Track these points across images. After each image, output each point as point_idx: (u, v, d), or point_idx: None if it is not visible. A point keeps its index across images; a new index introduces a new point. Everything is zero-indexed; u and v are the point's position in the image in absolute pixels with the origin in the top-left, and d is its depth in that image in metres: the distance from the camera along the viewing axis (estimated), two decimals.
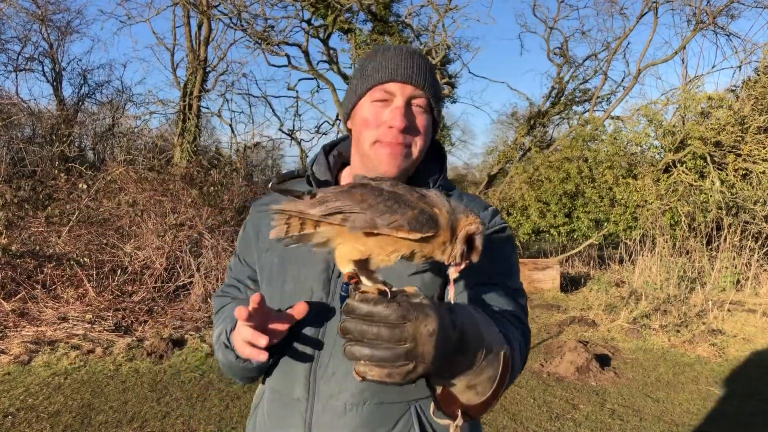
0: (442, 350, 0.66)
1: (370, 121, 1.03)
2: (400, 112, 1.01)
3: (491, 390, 0.75)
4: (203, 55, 10.90)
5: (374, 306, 0.64)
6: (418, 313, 0.64)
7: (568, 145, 9.77)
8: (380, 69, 1.03)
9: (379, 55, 1.06)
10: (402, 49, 1.07)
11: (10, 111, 10.17)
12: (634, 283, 7.35)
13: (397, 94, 1.02)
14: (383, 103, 1.03)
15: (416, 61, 1.03)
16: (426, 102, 1.04)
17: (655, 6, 10.76)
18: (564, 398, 4.06)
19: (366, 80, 1.05)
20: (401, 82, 1.02)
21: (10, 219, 6.36)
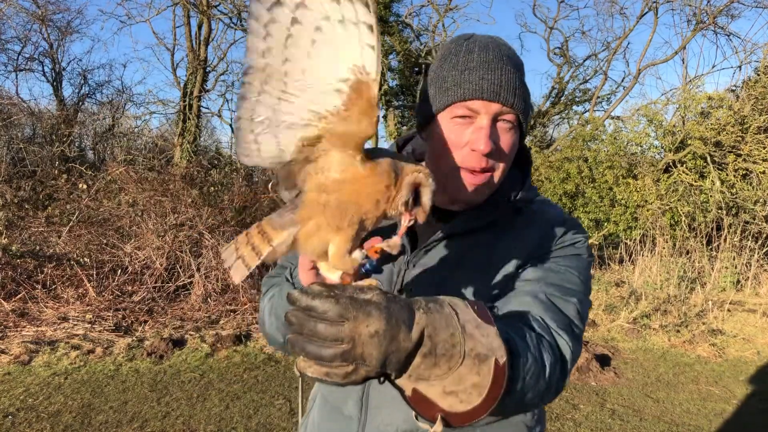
0: (389, 353, 0.61)
1: (452, 142, 0.93)
2: (485, 134, 0.90)
3: (480, 399, 0.68)
4: (203, 55, 10.91)
5: (312, 299, 0.61)
6: (359, 312, 0.60)
7: (568, 145, 9.77)
8: (463, 83, 0.92)
9: (460, 61, 0.94)
10: (488, 52, 0.94)
11: (10, 111, 10.17)
12: (634, 283, 7.35)
13: (481, 112, 0.91)
14: (465, 119, 0.93)
15: (505, 73, 0.92)
16: (515, 118, 0.94)
17: (655, 6, 10.77)
18: (564, 398, 4.06)
19: (446, 94, 0.94)
20: (487, 100, 0.91)
21: (11, 219, 6.37)
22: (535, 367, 0.77)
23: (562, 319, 0.90)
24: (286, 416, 3.50)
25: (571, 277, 0.96)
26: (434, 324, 0.65)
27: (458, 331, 0.67)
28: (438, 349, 0.65)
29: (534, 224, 1.00)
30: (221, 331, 4.95)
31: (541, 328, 0.86)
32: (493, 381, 0.68)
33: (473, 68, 0.92)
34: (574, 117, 13.30)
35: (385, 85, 10.97)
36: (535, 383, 0.77)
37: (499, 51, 0.95)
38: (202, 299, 5.56)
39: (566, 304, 0.92)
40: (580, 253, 1.00)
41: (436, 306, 0.68)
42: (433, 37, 11.14)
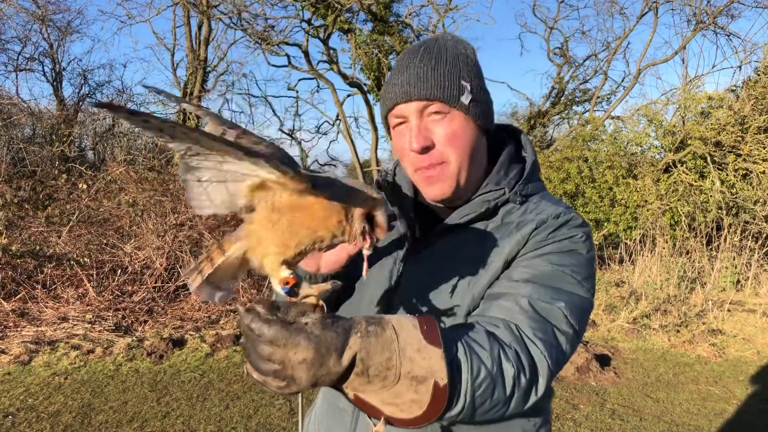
0: (319, 376, 0.66)
1: (400, 150, 1.00)
2: (414, 134, 0.95)
3: (421, 412, 0.71)
4: (203, 55, 10.91)
5: (251, 321, 0.65)
6: (288, 341, 0.64)
7: (568, 145, 9.77)
8: (384, 94, 1.00)
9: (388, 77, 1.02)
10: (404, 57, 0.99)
11: (10, 111, 10.17)
12: (634, 283, 7.35)
13: (406, 114, 0.96)
14: (403, 125, 0.98)
15: (413, 70, 0.95)
16: (441, 106, 0.94)
17: (655, 6, 10.76)
18: (564, 398, 4.06)
19: (382, 109, 1.03)
20: (404, 101, 0.95)
21: (10, 219, 6.36)
22: (489, 381, 0.76)
23: (544, 326, 0.86)
24: (286, 416, 3.50)
25: (563, 275, 0.92)
26: (368, 348, 0.68)
27: (395, 355, 0.69)
28: (371, 371, 0.68)
29: (528, 219, 0.98)
30: (221, 331, 4.95)
31: (511, 337, 0.83)
32: (433, 399, 0.71)
33: (390, 79, 0.98)
34: (574, 117, 13.30)
35: None
36: (490, 395, 0.77)
37: (417, 49, 0.98)
38: (202, 299, 5.56)
39: (551, 309, 0.88)
40: (575, 249, 0.95)
41: (377, 329, 0.70)
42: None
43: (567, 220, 0.97)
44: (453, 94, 0.94)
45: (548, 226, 0.96)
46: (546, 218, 0.96)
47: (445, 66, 0.95)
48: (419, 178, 0.99)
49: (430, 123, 0.95)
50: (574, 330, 0.89)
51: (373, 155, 11.61)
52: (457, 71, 0.96)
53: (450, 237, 1.01)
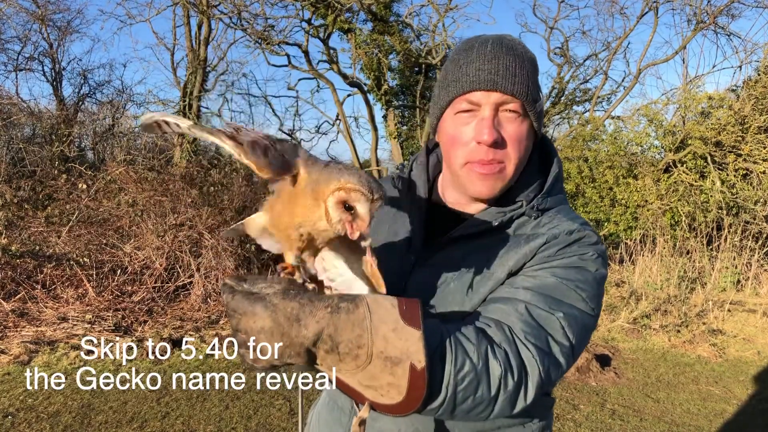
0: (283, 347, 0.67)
1: (457, 138, 0.94)
2: (487, 124, 0.90)
3: (401, 398, 0.70)
4: (203, 55, 10.90)
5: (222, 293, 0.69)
6: (246, 308, 0.66)
7: (568, 145, 9.77)
8: (461, 76, 0.92)
9: (460, 59, 0.94)
10: (487, 45, 0.93)
11: (10, 111, 10.17)
12: (634, 283, 7.34)
13: (482, 103, 0.91)
14: (468, 113, 0.93)
15: (502, 61, 0.90)
16: (519, 106, 0.91)
17: (655, 6, 10.76)
18: (564, 398, 4.06)
19: (447, 90, 0.94)
20: (486, 89, 0.90)
21: (10, 219, 6.36)
22: (474, 376, 0.74)
23: (538, 332, 0.83)
24: (286, 416, 3.50)
25: (566, 290, 0.88)
26: (336, 324, 0.68)
27: (367, 332, 0.68)
28: (341, 348, 0.68)
29: (540, 232, 0.95)
30: (221, 331, 4.95)
31: (502, 337, 0.80)
32: (411, 383, 0.69)
33: (470, 61, 0.92)
34: (574, 117, 13.29)
35: (385, 85, 10.96)
36: (473, 392, 0.74)
37: (500, 43, 0.93)
38: (202, 299, 5.56)
39: (548, 317, 0.85)
40: (584, 266, 0.91)
41: (349, 305, 0.69)
42: (433, 37, 11.13)
43: (580, 237, 0.94)
44: (533, 98, 0.93)
45: (559, 242, 0.93)
46: (558, 234, 0.93)
47: (529, 67, 0.93)
48: (471, 172, 0.94)
49: (503, 119, 0.92)
50: (571, 343, 0.85)
51: (373, 155, 11.60)
52: (536, 78, 0.94)
53: (460, 245, 0.99)
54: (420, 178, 1.07)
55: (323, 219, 0.73)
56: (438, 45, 10.95)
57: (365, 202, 0.71)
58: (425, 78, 11.75)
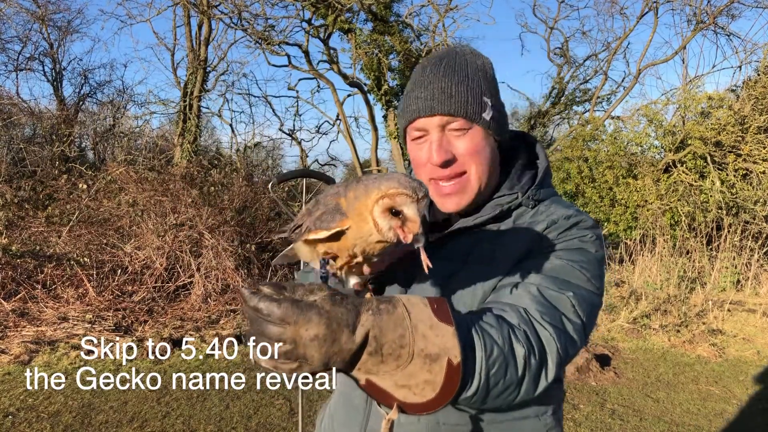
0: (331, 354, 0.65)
1: (416, 161, 1.02)
2: (435, 147, 0.96)
3: (434, 394, 0.71)
4: (203, 55, 10.90)
5: (258, 302, 0.64)
6: (299, 317, 0.63)
7: (568, 145, 9.77)
8: (406, 107, 0.99)
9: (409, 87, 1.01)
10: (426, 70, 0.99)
11: (10, 111, 10.17)
12: (634, 283, 7.35)
13: (427, 128, 0.98)
14: (421, 139, 0.99)
15: (437, 84, 0.96)
16: (463, 122, 0.96)
17: (655, 6, 10.76)
18: (564, 398, 4.06)
19: (401, 119, 1.03)
20: (426, 116, 0.96)
21: (11, 219, 6.37)
22: (502, 359, 0.77)
23: (552, 312, 0.87)
24: (286, 416, 3.50)
25: (572, 270, 0.93)
26: (381, 325, 0.68)
27: (408, 332, 0.69)
28: (384, 349, 0.68)
29: (540, 220, 1.00)
30: (221, 331, 4.96)
31: (519, 319, 0.84)
32: (447, 379, 0.71)
33: (412, 90, 0.99)
34: (574, 117, 13.30)
35: (385, 85, 10.96)
36: (503, 375, 0.77)
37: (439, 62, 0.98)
38: (202, 299, 5.56)
39: (559, 297, 0.89)
40: (585, 248, 0.97)
41: (388, 306, 0.70)
42: (433, 37, 11.13)
43: (578, 221, 0.99)
44: (476, 111, 0.96)
45: (559, 227, 0.98)
46: (557, 219, 0.98)
47: (468, 82, 0.97)
48: (434, 190, 1.01)
49: (451, 138, 0.97)
50: (582, 321, 0.89)
51: (373, 155, 11.61)
52: (479, 87, 0.98)
53: (463, 238, 1.03)
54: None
55: (374, 232, 0.72)
56: (438, 45, 10.95)
57: (411, 203, 0.71)
58: None
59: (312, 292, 0.67)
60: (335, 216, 0.74)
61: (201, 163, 7.84)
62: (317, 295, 0.66)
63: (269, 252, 6.66)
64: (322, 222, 0.75)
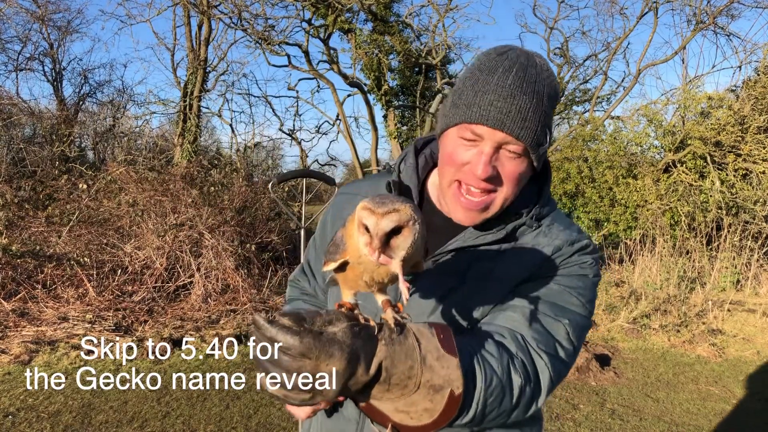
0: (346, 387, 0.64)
1: (454, 158, 0.93)
2: (484, 161, 0.89)
3: (430, 420, 0.71)
4: (203, 55, 10.90)
5: (277, 333, 0.62)
6: (321, 352, 0.61)
7: (568, 145, 9.77)
8: (473, 105, 0.89)
9: (480, 81, 0.90)
10: (509, 75, 0.88)
11: (10, 111, 10.17)
12: (634, 283, 7.34)
13: (485, 137, 0.89)
14: (470, 142, 0.91)
15: (517, 101, 0.87)
16: (522, 148, 0.90)
17: (655, 6, 10.76)
18: (564, 398, 4.06)
19: (456, 113, 0.91)
20: (491, 127, 0.87)
21: (11, 219, 6.37)
22: (500, 390, 0.78)
23: (547, 339, 0.88)
24: (286, 416, 3.51)
25: (569, 297, 0.94)
26: (393, 357, 0.67)
27: (417, 363, 0.69)
28: (393, 379, 0.68)
29: (542, 242, 0.98)
30: (221, 331, 4.96)
31: (518, 347, 0.85)
32: (446, 407, 0.71)
33: (486, 91, 0.88)
34: (574, 117, 13.30)
35: (385, 85, 10.96)
36: (498, 404, 0.79)
37: (523, 74, 0.89)
38: (202, 299, 5.56)
39: (556, 325, 0.91)
40: (585, 274, 0.98)
41: (399, 337, 0.69)
42: (433, 38, 11.13)
43: (581, 247, 0.99)
44: (539, 142, 0.91)
45: (563, 254, 0.97)
46: (561, 245, 0.98)
47: (542, 108, 0.90)
48: (456, 198, 0.94)
49: (503, 157, 0.91)
50: (574, 347, 0.92)
51: (373, 155, 11.61)
52: (548, 117, 0.92)
53: (462, 254, 0.99)
54: (411, 181, 1.05)
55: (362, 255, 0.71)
56: (438, 45, 10.96)
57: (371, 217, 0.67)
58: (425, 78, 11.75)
59: (331, 323, 0.65)
60: (338, 248, 0.73)
61: (201, 163, 7.84)
62: (337, 327, 0.64)
63: (269, 252, 6.67)
64: (330, 254, 0.75)
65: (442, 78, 11.76)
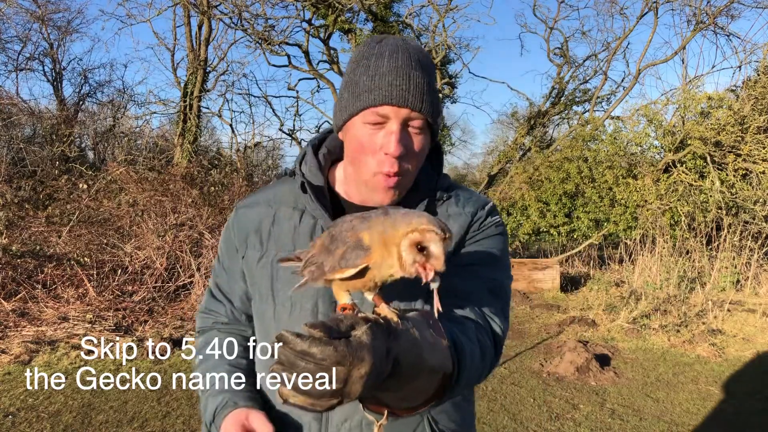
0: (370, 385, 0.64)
1: (366, 147, 0.96)
2: (395, 138, 0.93)
3: (422, 400, 0.76)
4: (203, 55, 10.90)
5: (309, 346, 0.61)
6: (354, 358, 0.62)
7: (568, 145, 9.78)
8: (373, 89, 0.93)
9: (371, 66, 0.95)
10: (398, 56, 0.94)
11: (10, 111, 10.17)
12: (634, 283, 7.35)
13: (391, 117, 0.93)
14: (377, 125, 0.94)
15: (414, 78, 0.93)
16: (424, 122, 0.95)
17: (655, 6, 10.76)
18: (564, 398, 4.06)
19: (358, 99, 0.95)
20: (396, 105, 0.92)
21: (11, 219, 6.37)
22: (478, 362, 0.85)
23: (495, 303, 0.98)
24: None
25: (498, 258, 1.04)
26: (401, 349, 0.69)
27: (423, 353, 0.71)
28: (403, 371, 0.69)
29: (455, 211, 1.05)
30: None
31: (478, 317, 0.93)
32: (437, 388, 0.76)
33: (383, 74, 0.93)
34: (574, 117, 13.29)
35: None
36: (476, 374, 0.86)
37: (409, 55, 0.95)
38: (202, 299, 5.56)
39: (498, 288, 1.01)
40: (499, 233, 1.07)
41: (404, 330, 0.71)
42: (433, 38, 11.13)
43: (491, 208, 1.08)
44: (436, 114, 0.97)
45: (479, 217, 1.05)
46: (475, 210, 1.06)
47: (432, 82, 0.97)
48: (379, 181, 0.97)
49: (410, 132, 0.96)
50: (508, 304, 1.04)
51: None
52: (437, 91, 0.99)
53: None
54: (318, 180, 1.07)
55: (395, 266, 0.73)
56: (438, 45, 10.96)
57: (438, 242, 0.71)
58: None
59: (353, 327, 0.65)
60: (359, 253, 0.74)
61: (201, 163, 7.84)
62: (359, 330, 0.65)
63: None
64: (347, 260, 0.74)
65: (442, 78, 11.76)
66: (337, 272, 0.75)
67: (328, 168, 1.11)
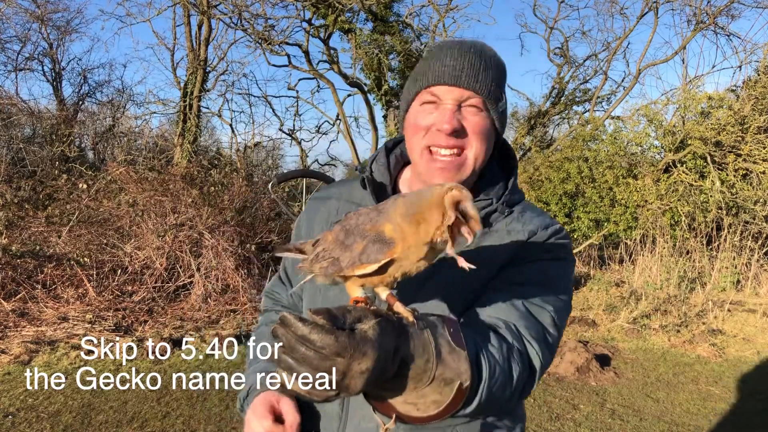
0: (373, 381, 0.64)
1: (418, 125, 0.96)
2: (448, 114, 0.93)
3: (436, 411, 0.72)
4: (203, 55, 10.89)
5: (309, 332, 0.60)
6: (355, 351, 0.61)
7: (568, 145, 9.77)
8: (428, 71, 0.96)
9: (431, 56, 0.98)
10: (456, 45, 0.97)
11: (10, 111, 10.17)
12: (634, 283, 7.35)
13: (444, 97, 0.94)
14: (432, 105, 0.96)
15: (468, 59, 0.94)
16: (480, 102, 0.95)
17: (655, 6, 10.76)
18: (564, 398, 4.06)
19: (414, 83, 0.99)
20: (449, 84, 0.93)
21: (11, 219, 6.37)
22: (503, 379, 0.80)
23: (536, 327, 0.91)
24: None
25: (551, 281, 0.97)
26: (412, 351, 0.67)
27: (433, 357, 0.69)
28: (410, 374, 0.68)
29: (516, 227, 1.01)
30: (221, 331, 4.96)
31: (513, 337, 0.87)
32: (453, 399, 0.72)
33: (438, 58, 0.95)
34: (574, 117, 13.29)
35: (385, 85, 10.96)
36: (501, 393, 0.80)
37: (471, 46, 0.97)
38: (202, 299, 5.56)
39: (542, 312, 0.93)
40: (561, 257, 1.01)
41: (416, 331, 0.70)
42: (433, 38, 11.13)
43: (554, 231, 1.02)
44: (496, 98, 0.96)
45: (538, 237, 1.00)
46: (536, 229, 1.00)
47: (494, 70, 0.96)
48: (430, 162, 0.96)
49: (465, 113, 0.95)
50: (558, 332, 0.95)
51: None
52: (501, 80, 0.98)
53: None
54: (384, 178, 1.07)
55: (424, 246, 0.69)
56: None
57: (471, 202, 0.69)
58: None
59: (360, 320, 0.64)
60: (382, 247, 0.71)
61: (201, 163, 7.84)
62: (366, 324, 0.64)
63: (269, 252, 6.66)
64: (369, 255, 0.72)
65: None
66: (357, 268, 0.73)
67: (399, 169, 1.12)
